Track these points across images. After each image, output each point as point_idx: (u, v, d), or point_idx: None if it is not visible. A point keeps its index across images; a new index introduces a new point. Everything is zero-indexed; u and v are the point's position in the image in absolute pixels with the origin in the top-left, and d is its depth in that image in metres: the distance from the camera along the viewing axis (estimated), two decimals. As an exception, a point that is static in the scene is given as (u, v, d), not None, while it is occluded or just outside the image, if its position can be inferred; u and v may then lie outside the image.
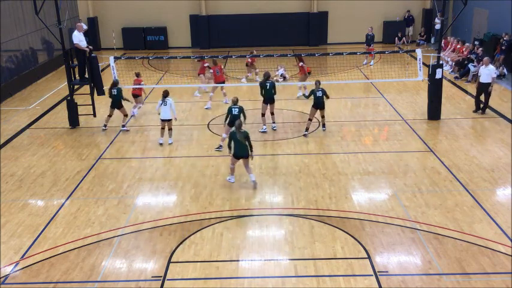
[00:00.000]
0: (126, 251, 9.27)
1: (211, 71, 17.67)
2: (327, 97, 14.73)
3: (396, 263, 8.75)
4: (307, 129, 14.86)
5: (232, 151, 11.48)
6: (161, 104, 14.02)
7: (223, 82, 17.79)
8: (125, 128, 15.53)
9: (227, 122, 13.40)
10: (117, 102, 15.21)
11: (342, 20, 28.66)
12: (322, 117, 15.02)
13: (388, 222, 10.03)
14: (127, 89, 16.68)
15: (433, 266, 8.63)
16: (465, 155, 13.24)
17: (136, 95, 16.98)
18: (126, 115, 15.50)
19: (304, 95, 14.93)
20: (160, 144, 14.25)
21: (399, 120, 16.12)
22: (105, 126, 15.61)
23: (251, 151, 11.43)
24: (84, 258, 9.07)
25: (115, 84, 15.23)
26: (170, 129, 14.35)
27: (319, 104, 14.61)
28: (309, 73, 18.28)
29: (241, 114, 13.17)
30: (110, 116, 15.49)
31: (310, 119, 14.85)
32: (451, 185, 11.57)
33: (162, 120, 14.18)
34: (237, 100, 13.48)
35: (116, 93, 15.08)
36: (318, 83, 14.71)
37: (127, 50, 28.58)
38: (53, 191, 11.81)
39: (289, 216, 10.40)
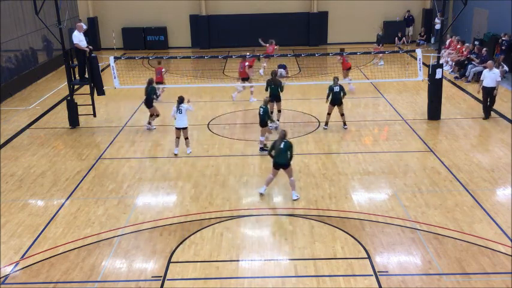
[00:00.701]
0: (126, 251, 9.27)
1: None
2: (344, 94, 14.99)
3: (396, 263, 8.75)
4: (326, 124, 15.28)
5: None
6: (176, 111, 13.23)
7: (247, 79, 18.14)
8: (149, 127, 15.59)
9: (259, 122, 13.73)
10: (149, 101, 15.34)
11: (342, 20, 28.66)
12: (342, 114, 15.21)
13: (388, 222, 10.03)
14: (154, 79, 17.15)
15: (433, 266, 8.62)
16: (465, 155, 13.24)
17: (159, 82, 18.03)
18: (152, 115, 15.56)
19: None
20: (175, 154, 13.57)
21: (399, 120, 16.12)
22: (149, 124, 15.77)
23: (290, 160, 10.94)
24: (84, 258, 9.07)
25: (150, 82, 15.44)
26: (186, 138, 13.57)
27: (336, 100, 14.89)
28: (349, 69, 18.96)
29: (266, 116, 13.36)
30: (157, 115, 15.65)
31: (329, 114, 15.19)
32: (451, 185, 11.57)
33: (177, 129, 13.41)
34: (268, 100, 13.71)
35: (148, 92, 15.26)
36: (336, 79, 14.95)
37: (127, 50, 28.56)
38: (53, 191, 11.81)
39: (289, 216, 10.40)
